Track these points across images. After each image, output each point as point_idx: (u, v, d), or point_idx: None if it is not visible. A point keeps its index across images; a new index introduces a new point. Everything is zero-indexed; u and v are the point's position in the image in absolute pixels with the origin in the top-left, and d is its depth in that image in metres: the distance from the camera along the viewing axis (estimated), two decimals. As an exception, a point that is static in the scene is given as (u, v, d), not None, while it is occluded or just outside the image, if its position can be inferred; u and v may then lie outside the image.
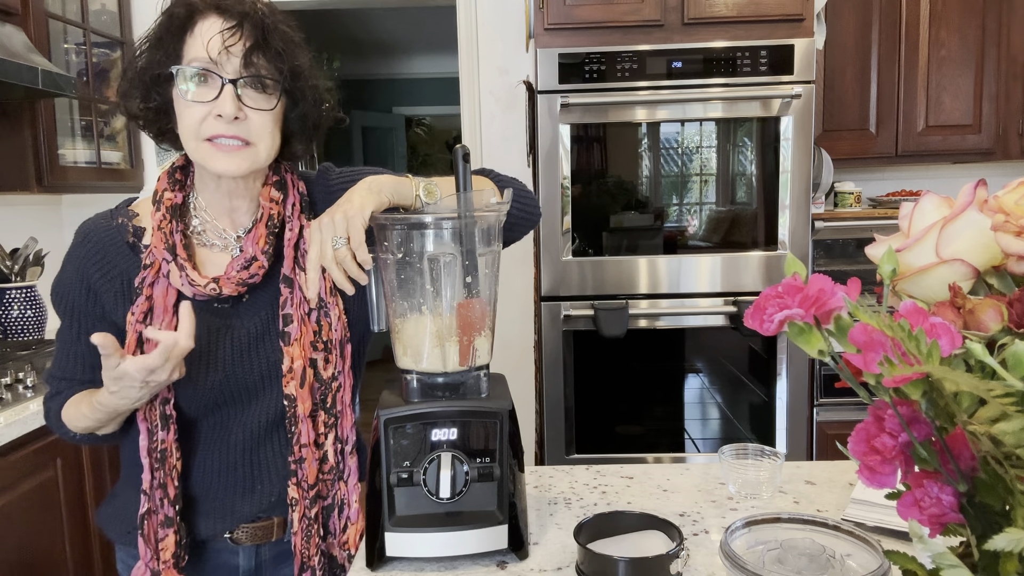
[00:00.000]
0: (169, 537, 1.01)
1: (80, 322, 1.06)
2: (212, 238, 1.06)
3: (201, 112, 0.95)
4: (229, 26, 0.95)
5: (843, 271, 2.69)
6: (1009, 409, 0.42)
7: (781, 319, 0.50)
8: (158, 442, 1.01)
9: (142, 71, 0.98)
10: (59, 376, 1.08)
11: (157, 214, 1.02)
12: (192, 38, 0.95)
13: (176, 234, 1.01)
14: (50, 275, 2.80)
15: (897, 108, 2.71)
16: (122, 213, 1.07)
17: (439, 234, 0.96)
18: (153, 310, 1.00)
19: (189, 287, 0.99)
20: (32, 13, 2.35)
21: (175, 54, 0.96)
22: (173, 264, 0.99)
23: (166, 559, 1.01)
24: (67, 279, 1.06)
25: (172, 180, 1.05)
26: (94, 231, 1.06)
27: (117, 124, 2.91)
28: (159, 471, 1.01)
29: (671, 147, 2.30)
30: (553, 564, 0.94)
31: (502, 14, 2.90)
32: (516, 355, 2.82)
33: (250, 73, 0.96)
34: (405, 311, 0.99)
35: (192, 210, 1.06)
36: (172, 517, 1.01)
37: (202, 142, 0.97)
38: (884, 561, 0.71)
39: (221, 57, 0.94)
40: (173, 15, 0.96)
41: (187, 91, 0.95)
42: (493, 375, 1.03)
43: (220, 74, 0.94)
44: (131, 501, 1.06)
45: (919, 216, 0.59)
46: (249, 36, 0.95)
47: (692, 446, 2.41)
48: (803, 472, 1.23)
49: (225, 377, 1.04)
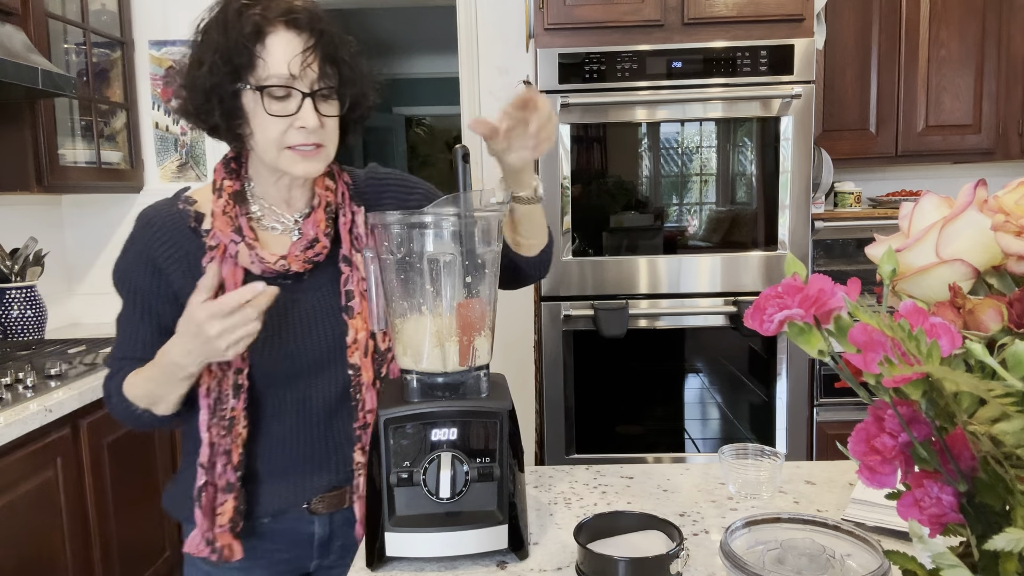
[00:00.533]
0: (228, 503, 1.04)
1: (143, 303, 1.09)
2: (271, 222, 1.12)
3: (283, 125, 1.01)
4: (308, 45, 1.00)
5: (843, 271, 2.69)
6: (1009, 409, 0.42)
7: (781, 319, 0.50)
8: (227, 410, 1.05)
9: (214, 88, 1.01)
10: (120, 356, 1.10)
11: (220, 200, 1.08)
12: (266, 53, 1.00)
13: (242, 217, 1.07)
14: (50, 275, 2.81)
15: (897, 108, 2.71)
16: (182, 200, 1.12)
17: (439, 234, 0.96)
18: (224, 287, 1.04)
19: (259, 264, 1.05)
20: (32, 13, 2.35)
21: (249, 67, 1.00)
22: (242, 244, 1.05)
23: (222, 523, 1.04)
24: (131, 262, 1.09)
25: (229, 170, 1.11)
26: (157, 215, 1.10)
27: (117, 124, 2.91)
28: (225, 438, 1.05)
29: (671, 147, 2.30)
30: (553, 564, 0.94)
31: (502, 14, 2.90)
32: (516, 355, 2.82)
33: (325, 85, 1.03)
34: (405, 311, 0.99)
35: (250, 197, 1.12)
36: (233, 483, 1.05)
37: (284, 150, 1.03)
38: (884, 561, 0.71)
39: (300, 72, 1.00)
40: (243, 32, 0.99)
41: (270, 106, 1.00)
42: (493, 375, 1.03)
43: (300, 89, 1.01)
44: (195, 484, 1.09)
45: (919, 216, 0.59)
46: (323, 50, 1.02)
47: (692, 446, 2.41)
48: (803, 472, 1.23)
49: (295, 348, 1.08)
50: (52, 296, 2.86)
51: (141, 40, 2.98)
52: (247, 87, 1.00)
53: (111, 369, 1.11)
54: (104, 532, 2.06)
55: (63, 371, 2.03)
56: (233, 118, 1.03)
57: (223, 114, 1.03)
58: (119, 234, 3.05)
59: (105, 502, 2.07)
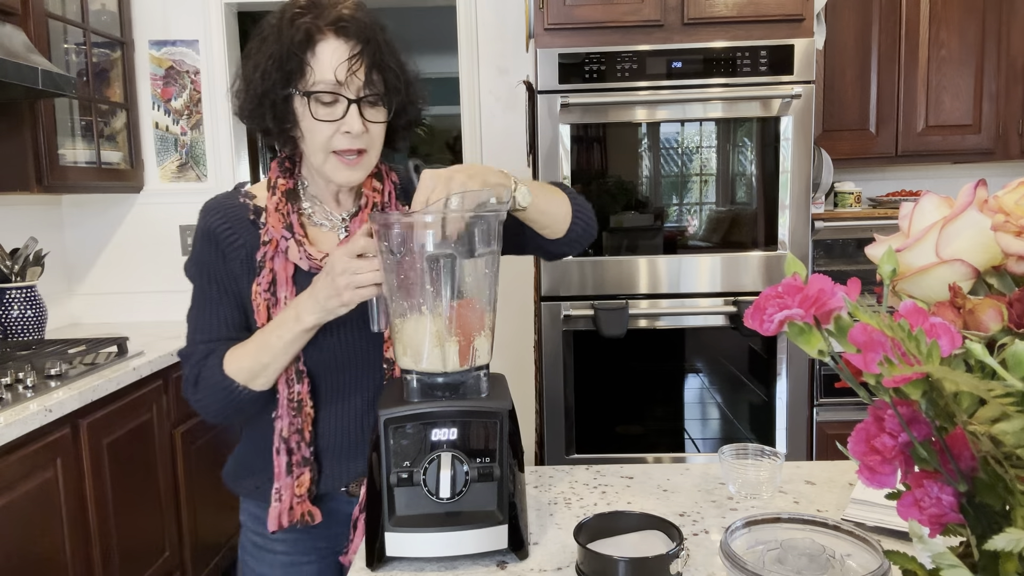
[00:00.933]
0: (304, 475, 1.13)
1: (219, 283, 1.14)
2: (321, 219, 1.17)
3: (329, 129, 1.06)
4: (355, 53, 1.04)
5: (843, 271, 2.69)
6: (1009, 409, 0.42)
7: (781, 319, 0.50)
8: (295, 393, 1.12)
9: (267, 93, 1.06)
10: (206, 339, 1.14)
11: (273, 198, 1.13)
12: (315, 59, 1.04)
13: (292, 215, 1.12)
14: (50, 275, 2.81)
15: (897, 108, 2.71)
16: (242, 194, 1.17)
17: (439, 234, 0.96)
18: (276, 281, 1.11)
19: (307, 260, 1.10)
20: (32, 13, 2.35)
21: (299, 73, 1.04)
22: (292, 241, 1.10)
23: (301, 493, 1.12)
24: (200, 247, 1.15)
25: (283, 168, 1.17)
26: (221, 205, 1.16)
27: (117, 124, 2.91)
28: (296, 418, 1.12)
29: (671, 147, 2.30)
30: (553, 564, 0.94)
31: (502, 14, 2.90)
32: (516, 355, 2.82)
33: (371, 91, 1.06)
34: (405, 311, 0.99)
35: (302, 195, 1.17)
36: (308, 457, 1.13)
37: (329, 155, 1.08)
38: (884, 561, 0.71)
39: (346, 79, 1.04)
40: (294, 39, 1.03)
41: (317, 111, 1.05)
42: (493, 375, 1.03)
43: (346, 96, 1.05)
44: (257, 461, 1.18)
45: (919, 216, 0.59)
46: (368, 57, 1.05)
47: (692, 446, 2.41)
48: (803, 472, 1.23)
49: (339, 341, 1.13)
50: (52, 296, 2.86)
51: (141, 40, 2.98)
52: (296, 92, 1.05)
53: (197, 353, 1.14)
54: (104, 532, 2.06)
55: (63, 371, 2.02)
56: (284, 122, 1.08)
57: (274, 118, 1.08)
58: (119, 234, 3.06)
59: (105, 502, 2.07)
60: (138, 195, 3.04)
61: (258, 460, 1.18)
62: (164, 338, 2.60)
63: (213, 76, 2.99)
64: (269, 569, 1.21)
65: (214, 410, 1.14)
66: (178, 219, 3.04)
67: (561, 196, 1.20)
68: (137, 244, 3.06)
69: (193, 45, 2.99)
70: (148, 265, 3.06)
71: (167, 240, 3.05)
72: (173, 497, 2.47)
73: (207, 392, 1.12)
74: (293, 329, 1.06)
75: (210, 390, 1.11)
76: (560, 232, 1.21)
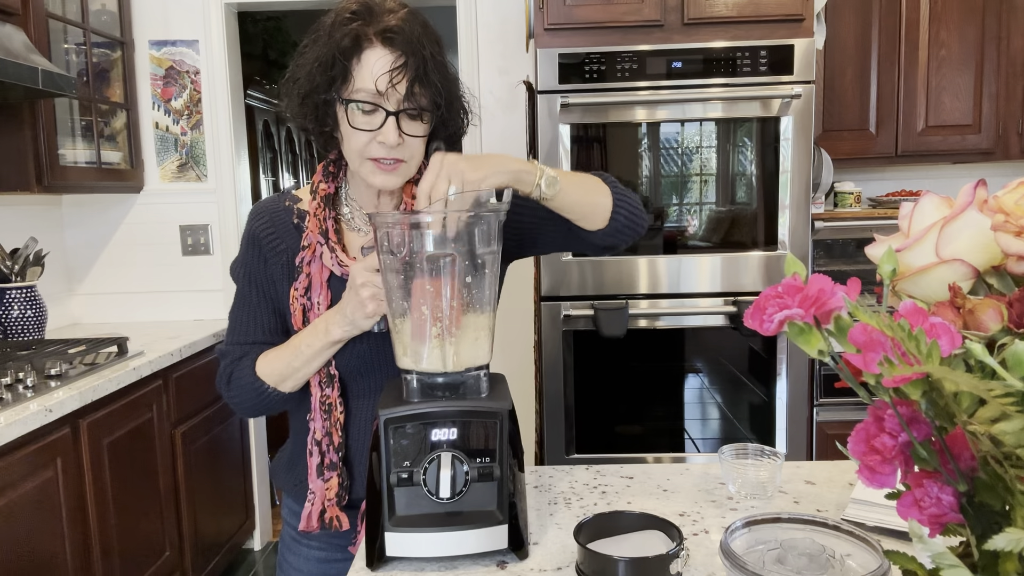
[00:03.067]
0: (333, 479, 1.14)
1: (258, 287, 1.17)
2: (360, 224, 1.18)
3: (366, 137, 1.05)
4: (397, 65, 1.02)
5: (843, 271, 2.69)
6: (1009, 409, 0.42)
7: (781, 319, 0.50)
8: (326, 396, 1.14)
9: (310, 94, 1.06)
10: (242, 341, 1.17)
11: (313, 202, 1.14)
12: (359, 67, 1.03)
13: (328, 220, 1.13)
14: (50, 275, 2.81)
15: (897, 108, 2.71)
16: (288, 197, 1.19)
17: (439, 234, 0.96)
18: (311, 285, 1.12)
19: (339, 267, 1.11)
20: (32, 13, 2.35)
21: (343, 78, 1.04)
22: (325, 247, 1.11)
23: (330, 498, 1.14)
24: (245, 249, 1.18)
25: (326, 172, 1.17)
26: (266, 209, 1.18)
27: (117, 124, 2.91)
28: (327, 421, 1.14)
29: (671, 147, 2.30)
30: (553, 564, 0.94)
31: (502, 14, 2.90)
32: (516, 355, 2.82)
33: (411, 105, 1.05)
34: (405, 311, 0.99)
35: (343, 199, 1.19)
36: (336, 462, 1.14)
37: (365, 160, 1.07)
38: (884, 561, 0.71)
39: (387, 90, 1.03)
40: (341, 44, 1.02)
41: (355, 118, 1.05)
42: (493, 375, 1.03)
43: (385, 107, 1.04)
44: (298, 459, 1.20)
45: (919, 216, 0.59)
46: (412, 70, 1.03)
47: (692, 446, 2.41)
48: (803, 472, 1.23)
49: (368, 347, 1.13)
50: (52, 296, 2.86)
51: (141, 40, 2.98)
52: (337, 98, 1.05)
53: (233, 353, 1.16)
54: (104, 532, 2.06)
55: (63, 371, 2.03)
56: (324, 124, 1.09)
57: (315, 119, 1.09)
58: (119, 234, 3.06)
59: (105, 502, 2.07)
60: (138, 195, 3.04)
61: (298, 457, 1.21)
62: (164, 338, 2.60)
63: (213, 76, 2.99)
64: (305, 563, 1.24)
65: (245, 407, 1.17)
66: (178, 219, 3.04)
67: (598, 185, 1.15)
68: (137, 244, 3.06)
69: (193, 45, 2.99)
70: (148, 265, 3.06)
71: (167, 240, 3.05)
72: (173, 497, 2.47)
73: (239, 391, 1.16)
74: (322, 340, 1.08)
75: (241, 389, 1.15)
76: (601, 223, 1.14)
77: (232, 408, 1.21)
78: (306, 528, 1.15)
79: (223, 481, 2.82)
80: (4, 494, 1.68)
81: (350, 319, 1.05)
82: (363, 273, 1.03)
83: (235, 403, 1.18)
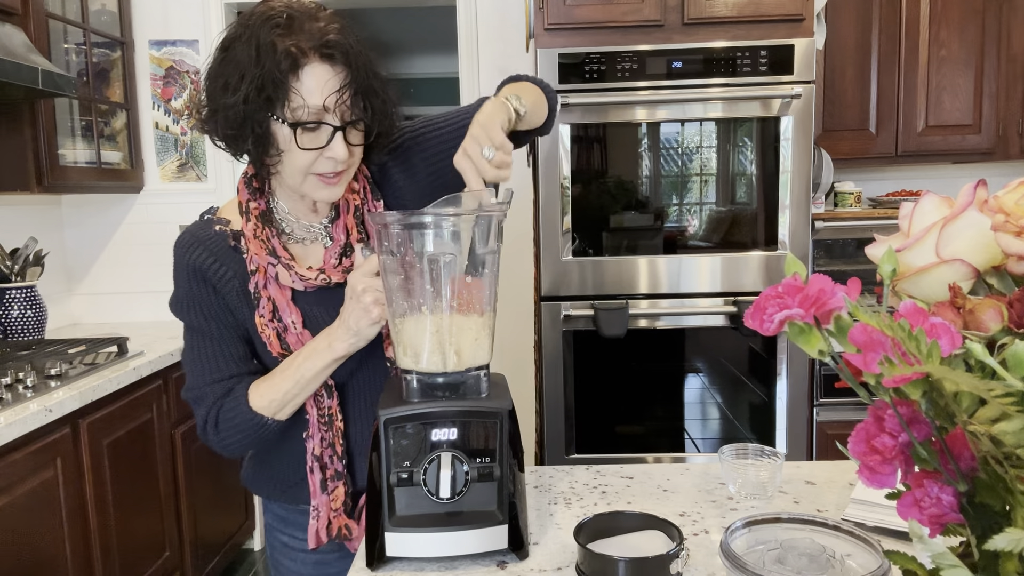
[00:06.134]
0: (339, 488, 1.13)
1: (217, 319, 1.11)
2: (301, 234, 1.14)
3: (313, 155, 1.01)
4: (344, 83, 0.99)
5: (843, 271, 2.69)
6: (1009, 409, 0.42)
7: (781, 319, 0.50)
8: (325, 408, 1.12)
9: (247, 117, 0.98)
10: (217, 379, 1.10)
11: (249, 224, 1.09)
12: (299, 84, 0.98)
13: (273, 239, 1.09)
14: (50, 275, 2.81)
15: (897, 108, 2.71)
16: (216, 222, 1.13)
17: (439, 234, 0.96)
18: (277, 308, 1.09)
19: (300, 282, 1.08)
20: (32, 13, 2.35)
21: (282, 99, 0.98)
22: (280, 266, 1.07)
23: (336, 507, 1.13)
24: (186, 287, 1.12)
25: (251, 189, 1.12)
26: (198, 239, 1.12)
27: (117, 124, 2.91)
28: (328, 432, 1.12)
29: (671, 147, 2.30)
30: (553, 564, 0.94)
31: (502, 14, 2.90)
32: (516, 355, 2.82)
33: (356, 117, 1.03)
34: (405, 311, 0.99)
35: (276, 214, 1.13)
36: (341, 471, 1.13)
37: (309, 176, 1.03)
38: (884, 561, 0.71)
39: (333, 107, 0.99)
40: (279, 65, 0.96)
41: (302, 139, 1.00)
42: (493, 375, 1.03)
43: (332, 124, 1.00)
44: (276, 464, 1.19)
45: (919, 216, 0.59)
46: (356, 84, 1.01)
47: (692, 446, 2.41)
48: (803, 472, 1.23)
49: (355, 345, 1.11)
50: (52, 296, 2.86)
51: (141, 40, 2.98)
52: (279, 119, 0.99)
53: (213, 394, 1.10)
54: (104, 532, 2.06)
55: (63, 371, 2.02)
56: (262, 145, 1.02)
57: (255, 143, 1.01)
58: (119, 234, 3.06)
59: (105, 502, 2.07)
60: (138, 195, 3.04)
61: (277, 462, 1.19)
62: (164, 338, 2.60)
63: (213, 76, 2.98)
64: (302, 567, 1.23)
65: (239, 447, 1.12)
66: (178, 219, 3.04)
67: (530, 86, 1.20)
68: (137, 244, 3.06)
69: (193, 45, 2.99)
70: (148, 265, 3.06)
71: (167, 240, 3.02)
72: (173, 497, 2.47)
73: (231, 431, 1.09)
74: (326, 358, 1.05)
75: (235, 428, 1.09)
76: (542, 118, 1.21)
77: (219, 451, 1.13)
78: (316, 545, 1.12)
79: (223, 481, 2.82)
80: (4, 494, 1.68)
81: (355, 330, 1.02)
82: (363, 279, 1.00)
83: (225, 445, 1.11)
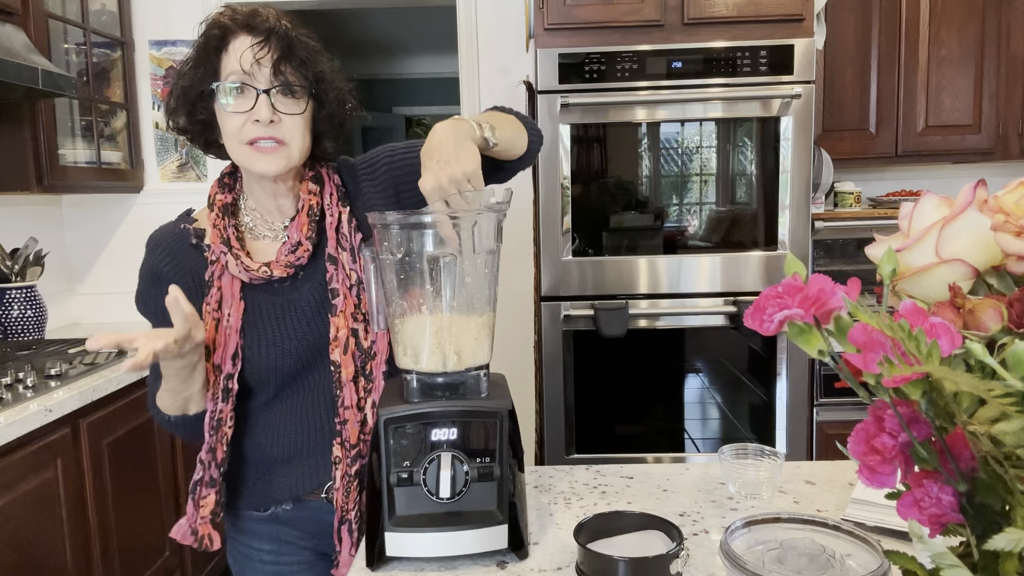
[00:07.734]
0: (210, 496, 1.13)
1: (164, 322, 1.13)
2: (263, 231, 1.18)
3: (241, 120, 1.07)
4: (257, 41, 1.06)
5: (843, 271, 2.69)
6: (1009, 409, 0.42)
7: (781, 319, 0.50)
8: (216, 412, 1.12)
9: (186, 90, 1.09)
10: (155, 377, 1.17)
11: (212, 214, 1.15)
12: (227, 56, 1.07)
13: (229, 229, 1.14)
14: (50, 275, 2.81)
15: (897, 108, 2.71)
16: (184, 220, 1.20)
17: (439, 234, 0.96)
18: (223, 298, 1.13)
19: (245, 273, 1.11)
20: (32, 13, 2.35)
21: (214, 71, 1.08)
22: (230, 255, 1.12)
23: (204, 515, 1.13)
24: (144, 285, 1.19)
25: (222, 184, 1.19)
26: (162, 238, 1.19)
27: (117, 124, 2.91)
28: (212, 437, 1.12)
29: (671, 147, 2.30)
30: (553, 564, 0.94)
31: (502, 14, 2.89)
32: (516, 355, 2.82)
33: (280, 82, 1.07)
34: (405, 311, 0.99)
35: (243, 209, 1.19)
36: (216, 479, 1.13)
37: (244, 146, 1.09)
38: (884, 561, 0.71)
39: (253, 69, 1.06)
40: (209, 37, 1.08)
41: (227, 104, 1.07)
42: (493, 375, 1.03)
43: (254, 85, 1.07)
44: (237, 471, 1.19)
45: (919, 216, 0.59)
46: (276, 49, 1.07)
47: (692, 446, 2.41)
48: (803, 472, 1.23)
49: (297, 345, 1.14)
50: (52, 296, 2.86)
51: (141, 40, 2.98)
52: (211, 88, 1.08)
53: (150, 390, 1.18)
54: (104, 532, 2.06)
55: (63, 371, 2.03)
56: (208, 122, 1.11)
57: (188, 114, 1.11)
58: (119, 234, 3.06)
59: (105, 502, 2.07)
60: (138, 195, 3.03)
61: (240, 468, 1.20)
62: (164, 338, 2.60)
63: (213, 76, 2.98)
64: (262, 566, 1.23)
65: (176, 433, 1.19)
66: (178, 219, 3.04)
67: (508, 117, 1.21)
68: (137, 244, 3.02)
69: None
70: (148, 265, 3.05)
71: (167, 240, 3.04)
72: (173, 497, 2.47)
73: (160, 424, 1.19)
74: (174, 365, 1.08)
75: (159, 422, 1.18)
76: (521, 150, 1.21)
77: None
78: (177, 539, 1.15)
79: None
80: (4, 494, 1.68)
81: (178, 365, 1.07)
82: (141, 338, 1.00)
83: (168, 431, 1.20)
